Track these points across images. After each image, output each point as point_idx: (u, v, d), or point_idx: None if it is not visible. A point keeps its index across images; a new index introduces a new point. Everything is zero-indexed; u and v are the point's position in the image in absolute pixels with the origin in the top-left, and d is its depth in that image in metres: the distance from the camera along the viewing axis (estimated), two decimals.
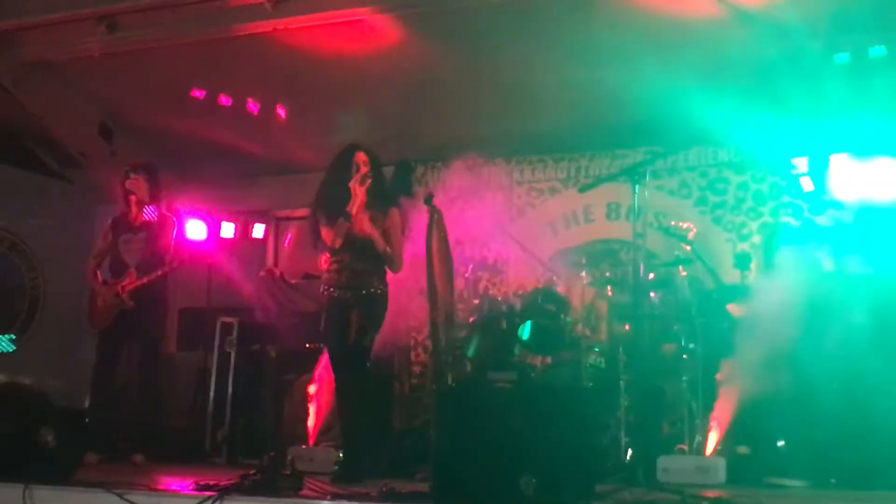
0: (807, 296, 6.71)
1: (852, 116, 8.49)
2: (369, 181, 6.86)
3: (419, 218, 7.44)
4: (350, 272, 6.88)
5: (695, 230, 7.97)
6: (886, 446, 6.35)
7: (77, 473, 6.05)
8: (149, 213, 8.39)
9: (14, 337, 11.16)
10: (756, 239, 9.43)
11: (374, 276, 6.92)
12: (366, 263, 6.91)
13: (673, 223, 7.90)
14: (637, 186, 6.71)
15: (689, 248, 7.98)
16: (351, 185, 6.83)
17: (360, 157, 6.93)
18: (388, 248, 6.91)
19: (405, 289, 7.40)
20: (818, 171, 9.01)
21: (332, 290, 6.94)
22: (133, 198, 8.38)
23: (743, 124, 8.53)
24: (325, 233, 6.89)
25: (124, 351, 8.42)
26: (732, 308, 7.67)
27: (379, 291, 6.92)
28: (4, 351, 11.05)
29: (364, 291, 6.85)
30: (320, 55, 8.93)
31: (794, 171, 9.36)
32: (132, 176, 8.39)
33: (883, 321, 6.63)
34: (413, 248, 7.43)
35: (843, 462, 6.56)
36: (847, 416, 6.62)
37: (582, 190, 7.54)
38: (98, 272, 8.47)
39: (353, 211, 6.79)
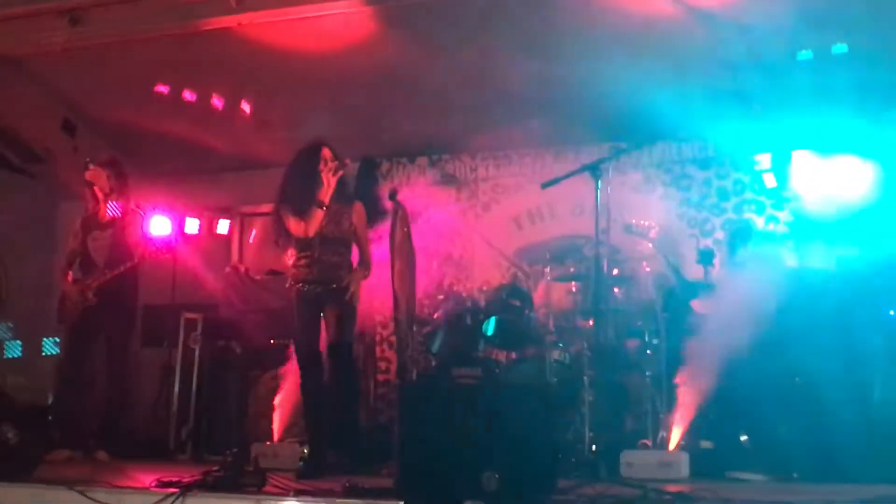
0: (770, 292, 6.74)
1: (815, 113, 8.54)
2: (341, 171, 6.89)
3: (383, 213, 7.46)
4: (320, 266, 6.87)
5: (656, 227, 7.98)
6: (848, 440, 6.40)
7: (39, 470, 6.01)
8: (114, 209, 8.33)
9: None
10: (719, 235, 9.47)
11: (345, 270, 6.93)
12: (336, 257, 6.91)
13: (634, 221, 7.93)
14: (600, 182, 6.74)
15: (650, 245, 8.00)
16: (323, 175, 6.85)
17: (327, 152, 6.95)
18: (361, 247, 6.99)
19: (369, 284, 7.38)
20: (781, 168, 9.06)
21: (300, 285, 6.92)
22: (97, 191, 8.32)
23: (707, 121, 8.57)
24: (295, 225, 6.86)
25: (91, 348, 8.34)
26: (696, 304, 7.71)
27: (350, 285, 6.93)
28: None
29: (335, 286, 6.85)
30: (285, 51, 8.90)
31: (757, 168, 9.41)
32: (91, 167, 8.32)
33: (845, 317, 6.67)
34: (377, 243, 7.44)
35: (805, 456, 6.61)
36: (809, 411, 6.68)
37: (545, 186, 7.53)
38: (70, 272, 8.41)
39: (326, 199, 6.81)
